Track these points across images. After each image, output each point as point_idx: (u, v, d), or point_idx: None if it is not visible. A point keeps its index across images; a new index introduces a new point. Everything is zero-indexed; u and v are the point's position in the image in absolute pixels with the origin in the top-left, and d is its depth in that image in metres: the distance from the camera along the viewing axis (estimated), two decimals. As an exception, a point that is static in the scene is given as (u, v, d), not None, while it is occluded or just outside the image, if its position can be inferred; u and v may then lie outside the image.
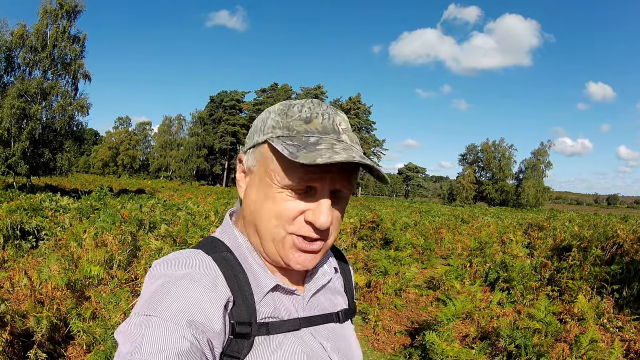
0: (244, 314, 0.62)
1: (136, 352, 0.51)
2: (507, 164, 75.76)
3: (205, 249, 0.67)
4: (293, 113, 0.65)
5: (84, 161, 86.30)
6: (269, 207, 0.64)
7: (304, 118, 0.64)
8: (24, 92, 19.48)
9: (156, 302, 0.56)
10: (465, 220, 17.97)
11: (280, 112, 0.66)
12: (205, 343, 0.55)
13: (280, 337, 0.64)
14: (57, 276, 4.10)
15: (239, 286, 0.63)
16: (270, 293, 0.67)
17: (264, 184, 0.65)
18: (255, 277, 0.67)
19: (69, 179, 30.27)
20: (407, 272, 5.97)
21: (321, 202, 0.63)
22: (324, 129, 0.64)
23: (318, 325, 0.71)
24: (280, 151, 0.60)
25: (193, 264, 0.63)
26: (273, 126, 0.65)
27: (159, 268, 0.63)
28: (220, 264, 0.65)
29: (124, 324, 0.57)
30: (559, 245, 7.51)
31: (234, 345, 0.60)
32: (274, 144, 0.62)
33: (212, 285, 0.60)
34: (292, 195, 0.63)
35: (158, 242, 5.15)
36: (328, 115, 0.65)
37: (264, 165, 0.65)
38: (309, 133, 0.63)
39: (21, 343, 3.15)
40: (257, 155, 0.67)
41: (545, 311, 4.06)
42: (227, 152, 75.60)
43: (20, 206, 8.77)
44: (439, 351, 3.35)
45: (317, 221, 0.62)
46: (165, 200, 15.70)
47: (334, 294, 0.80)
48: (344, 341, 0.75)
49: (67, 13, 20.86)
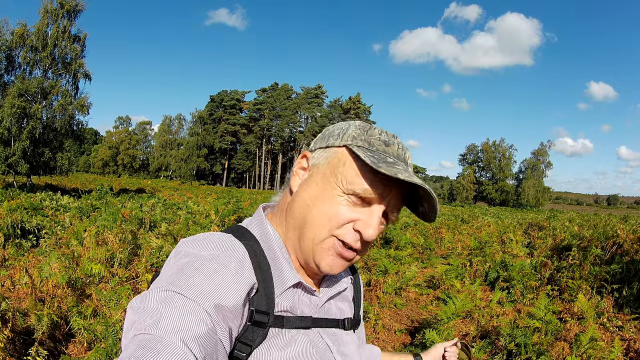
0: (263, 304, 0.63)
1: (153, 327, 0.49)
2: (507, 164, 75.83)
3: (235, 234, 0.68)
4: (373, 134, 0.70)
5: (84, 161, 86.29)
6: (323, 206, 0.66)
7: (383, 141, 0.69)
8: (24, 92, 19.50)
9: (181, 279, 0.55)
10: (465, 220, 17.97)
11: (362, 128, 0.71)
12: (225, 329, 0.55)
13: (292, 333, 0.66)
14: (57, 274, 4.11)
15: (262, 276, 0.64)
16: (291, 289, 0.68)
17: (327, 184, 0.67)
18: (280, 271, 0.68)
19: (69, 178, 30.25)
20: (407, 271, 5.98)
21: (374, 216, 0.66)
22: (398, 156, 0.69)
23: (326, 328, 0.73)
24: (362, 158, 0.63)
25: (222, 246, 0.63)
26: (354, 137, 0.69)
27: (185, 246, 0.62)
28: (249, 250, 0.65)
29: (139, 297, 0.55)
30: (559, 245, 7.52)
31: (249, 332, 0.61)
32: (356, 150, 0.65)
33: (239, 270, 0.60)
34: (350, 202, 0.66)
35: (159, 241, 5.16)
36: (402, 147, 0.71)
37: (334, 166, 0.68)
38: (387, 154, 0.68)
39: (22, 340, 3.16)
40: (329, 156, 0.69)
41: (545, 310, 4.07)
42: (227, 151, 75.64)
43: (21, 205, 8.78)
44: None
45: (366, 232, 0.65)
46: (165, 199, 15.72)
47: (343, 301, 0.82)
48: (347, 347, 0.76)
49: (67, 12, 20.91)
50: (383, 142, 0.68)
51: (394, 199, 0.67)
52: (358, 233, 0.66)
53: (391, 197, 0.66)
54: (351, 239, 0.66)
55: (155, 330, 0.49)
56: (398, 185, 0.66)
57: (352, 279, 0.86)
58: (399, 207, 0.69)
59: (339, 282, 0.79)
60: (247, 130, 75.48)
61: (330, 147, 0.70)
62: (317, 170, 0.69)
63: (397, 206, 0.69)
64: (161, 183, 48.06)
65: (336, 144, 0.69)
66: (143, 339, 0.48)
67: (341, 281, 0.80)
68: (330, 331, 0.74)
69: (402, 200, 0.69)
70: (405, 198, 0.70)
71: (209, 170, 75.43)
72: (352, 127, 0.70)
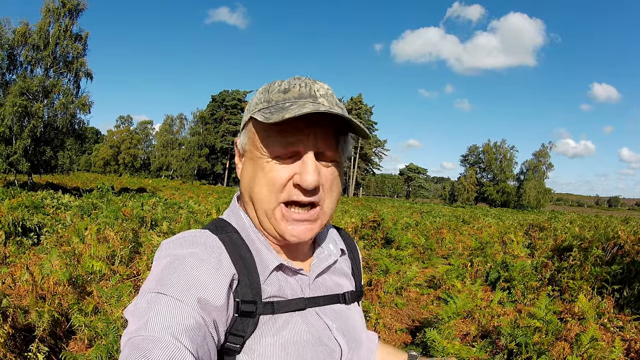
0: (248, 293, 0.62)
1: (143, 329, 0.51)
2: (508, 165, 75.71)
3: (212, 229, 0.68)
4: (273, 88, 0.68)
5: (85, 159, 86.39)
6: (260, 179, 0.66)
7: (282, 90, 0.67)
8: (26, 90, 19.51)
9: (163, 280, 0.57)
10: (466, 220, 17.95)
11: (263, 89, 0.69)
12: (210, 321, 0.56)
13: (285, 317, 0.65)
14: (58, 271, 4.11)
15: (244, 265, 0.64)
16: (275, 272, 0.68)
17: (254, 158, 0.67)
18: (260, 257, 0.67)
19: (70, 177, 30.29)
20: (408, 271, 5.97)
21: (305, 162, 0.63)
22: (300, 96, 0.66)
23: (324, 306, 0.71)
24: (258, 119, 0.63)
25: (198, 242, 0.63)
26: (256, 103, 0.68)
27: (165, 247, 0.64)
28: (226, 243, 0.65)
29: (132, 303, 0.58)
30: (560, 246, 7.50)
31: (238, 323, 0.61)
32: (254, 116, 0.64)
33: (217, 264, 0.61)
34: (280, 163, 0.64)
35: (160, 239, 5.16)
36: (305, 84, 0.67)
37: (252, 140, 0.68)
38: (285, 100, 0.65)
39: (23, 337, 3.16)
40: (247, 133, 0.70)
41: (545, 310, 4.06)
42: (228, 151, 75.64)
43: (22, 203, 8.78)
44: (439, 349, 3.35)
45: (304, 181, 0.63)
46: (166, 199, 15.73)
47: (340, 275, 0.80)
48: (350, 322, 0.75)
49: (69, 11, 20.92)
50: (282, 92, 0.66)
51: (320, 138, 0.64)
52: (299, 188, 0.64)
53: (314, 137, 0.63)
54: (296, 195, 0.64)
55: (146, 331, 0.51)
56: (310, 123, 0.63)
57: (344, 250, 0.83)
58: (329, 141, 0.65)
59: (327, 255, 0.78)
60: (248, 130, 75.36)
61: (245, 126, 0.70)
62: (245, 152, 0.70)
63: (327, 141, 0.65)
64: (162, 182, 48.07)
65: (247, 119, 0.70)
66: (135, 341, 0.51)
67: (330, 254, 0.78)
68: (331, 308, 0.73)
69: (329, 133, 0.65)
70: (334, 129, 0.66)
71: (210, 170, 75.46)
72: (256, 95, 0.70)
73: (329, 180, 0.67)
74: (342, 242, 0.85)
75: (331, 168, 0.68)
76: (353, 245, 0.90)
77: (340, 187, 0.71)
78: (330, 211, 0.69)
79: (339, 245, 0.83)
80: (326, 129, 0.65)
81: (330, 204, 0.69)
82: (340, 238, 0.86)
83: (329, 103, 0.66)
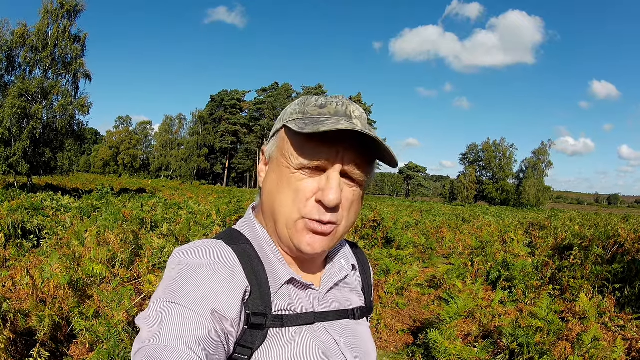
0: (259, 305, 0.62)
1: (156, 338, 0.52)
2: (507, 164, 75.76)
3: (225, 239, 0.68)
4: (310, 102, 0.69)
5: (85, 160, 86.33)
6: (284, 188, 0.66)
7: (319, 104, 0.67)
8: (24, 92, 19.49)
9: (175, 289, 0.57)
10: (466, 219, 17.97)
11: (299, 102, 0.70)
12: (222, 333, 0.56)
13: (293, 330, 0.65)
14: (59, 275, 4.10)
15: (256, 278, 0.64)
16: (286, 286, 0.68)
17: (280, 167, 0.67)
18: (272, 269, 0.67)
19: (69, 178, 30.26)
20: (409, 271, 5.98)
21: (330, 179, 0.63)
22: (336, 113, 0.66)
23: (333, 321, 0.71)
24: (292, 128, 0.62)
25: (212, 253, 0.63)
26: (291, 113, 0.68)
27: (178, 255, 0.64)
28: (240, 255, 0.65)
29: (145, 311, 0.58)
30: (560, 245, 7.51)
31: (247, 335, 0.61)
32: (288, 125, 0.64)
33: (230, 276, 0.61)
34: (306, 175, 0.64)
35: (160, 241, 5.16)
36: (342, 103, 0.68)
37: (281, 148, 0.68)
38: (321, 115, 0.65)
39: (24, 342, 3.15)
40: (276, 141, 0.70)
41: (547, 310, 4.06)
42: (227, 151, 75.67)
43: (22, 205, 8.78)
44: (441, 349, 3.35)
45: (326, 198, 0.62)
46: (166, 199, 15.72)
47: (350, 291, 0.80)
48: (359, 338, 0.75)
49: (67, 12, 20.89)
50: (318, 107, 0.66)
51: (347, 156, 0.64)
52: (320, 204, 0.64)
53: (342, 156, 0.64)
54: (318, 213, 0.64)
55: (158, 340, 0.51)
56: (341, 140, 0.63)
57: (355, 266, 0.83)
58: (357, 162, 0.65)
59: (339, 270, 0.78)
60: (247, 130, 75.49)
61: (276, 133, 0.70)
62: (272, 159, 0.70)
63: (355, 162, 0.65)
64: (162, 183, 48.05)
65: (279, 127, 0.69)
66: (148, 350, 0.51)
67: (341, 269, 0.78)
68: (339, 323, 0.72)
69: (359, 155, 0.65)
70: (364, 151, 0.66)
71: (210, 170, 75.51)
72: (291, 105, 0.70)
73: (349, 200, 0.67)
74: (354, 257, 0.86)
75: (354, 189, 0.68)
76: (365, 262, 0.90)
77: (359, 210, 0.71)
78: (344, 230, 0.69)
79: (350, 260, 0.83)
80: (356, 150, 0.65)
81: (347, 224, 0.69)
82: (353, 254, 0.87)
83: (362, 126, 0.66)
